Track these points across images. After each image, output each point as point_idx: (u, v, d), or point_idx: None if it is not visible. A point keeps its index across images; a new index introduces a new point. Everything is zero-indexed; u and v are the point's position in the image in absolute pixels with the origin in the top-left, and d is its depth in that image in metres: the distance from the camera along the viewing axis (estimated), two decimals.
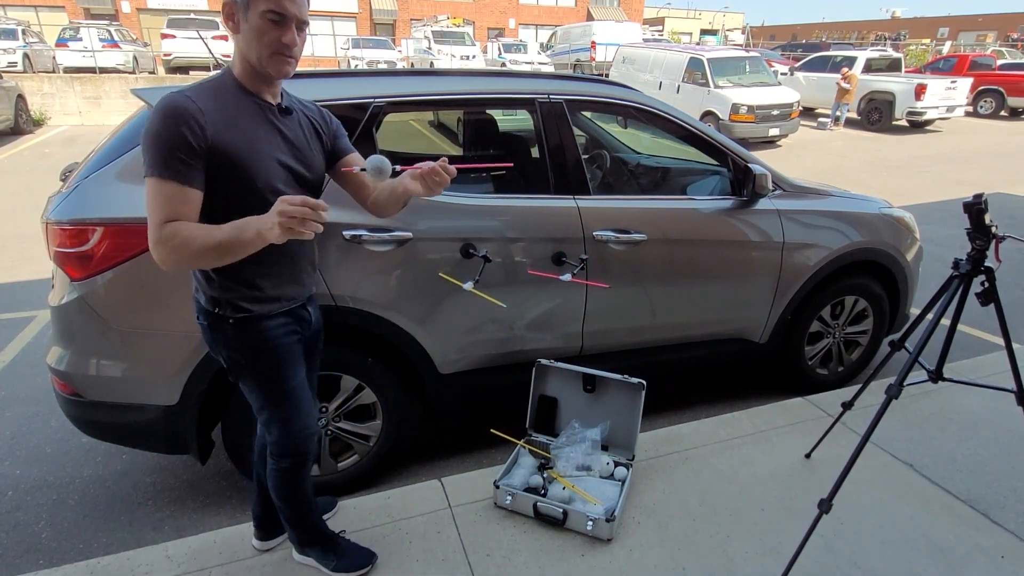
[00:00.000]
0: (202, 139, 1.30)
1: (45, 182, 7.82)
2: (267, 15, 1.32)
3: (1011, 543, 2.04)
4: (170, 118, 1.27)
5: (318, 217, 1.21)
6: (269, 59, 1.36)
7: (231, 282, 1.48)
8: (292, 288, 1.59)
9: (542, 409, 2.50)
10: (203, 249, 1.28)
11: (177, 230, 1.27)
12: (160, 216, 1.28)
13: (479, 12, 31.76)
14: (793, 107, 11.14)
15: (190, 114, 1.28)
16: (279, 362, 1.58)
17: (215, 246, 1.28)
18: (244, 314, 1.51)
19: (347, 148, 1.65)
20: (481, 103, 2.67)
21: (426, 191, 1.46)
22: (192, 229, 1.28)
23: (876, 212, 3.08)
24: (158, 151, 1.27)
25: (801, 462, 2.44)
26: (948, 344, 1.97)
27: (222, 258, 1.31)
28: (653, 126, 2.84)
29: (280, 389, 1.60)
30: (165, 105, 1.28)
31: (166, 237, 1.27)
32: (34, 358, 3.58)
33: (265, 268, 1.51)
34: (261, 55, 1.35)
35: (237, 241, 1.27)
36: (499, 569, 1.92)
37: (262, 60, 1.36)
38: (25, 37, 14.85)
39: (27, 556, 2.22)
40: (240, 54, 1.38)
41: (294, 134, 1.49)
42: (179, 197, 1.29)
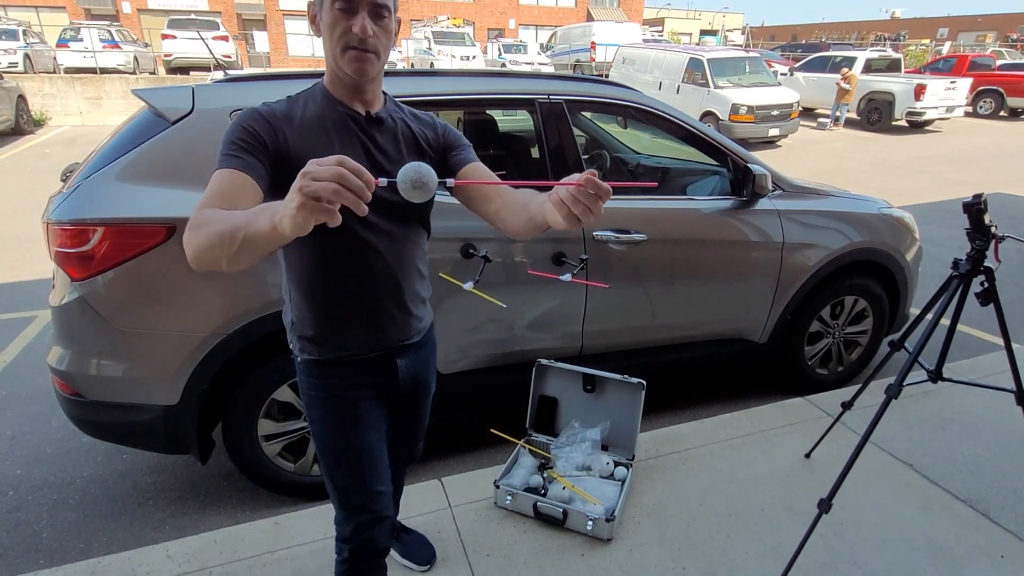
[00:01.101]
0: (271, 136, 1.14)
1: (46, 182, 7.82)
2: (335, 5, 1.12)
3: (1011, 543, 2.04)
4: (240, 117, 1.15)
5: (359, 190, 0.79)
6: (342, 57, 1.15)
7: (292, 310, 1.28)
8: (361, 334, 1.29)
9: (542, 409, 2.50)
10: (213, 236, 0.93)
11: (205, 213, 0.99)
12: (202, 201, 1.04)
13: (479, 13, 31.76)
14: (793, 107, 11.14)
15: (259, 113, 1.16)
16: (331, 420, 1.31)
17: (220, 234, 0.92)
18: (306, 356, 1.30)
19: (464, 160, 1.32)
20: (481, 103, 2.68)
21: (569, 221, 0.95)
22: (218, 212, 0.98)
23: (876, 212, 3.08)
24: (222, 147, 1.11)
25: (801, 462, 2.45)
26: (948, 344, 1.97)
27: (234, 253, 0.93)
28: (653, 126, 2.85)
29: (330, 449, 1.32)
30: (243, 113, 1.16)
31: (192, 221, 0.99)
32: (35, 358, 3.59)
33: (317, 301, 1.25)
34: (335, 54, 1.16)
35: (246, 231, 0.89)
36: (499, 569, 1.93)
37: (337, 60, 1.17)
38: (26, 37, 14.86)
39: (28, 556, 2.22)
40: (326, 61, 1.22)
41: (385, 149, 1.25)
42: (228, 181, 1.07)
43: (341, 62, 1.16)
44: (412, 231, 1.32)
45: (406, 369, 1.39)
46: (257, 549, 1.99)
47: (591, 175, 0.89)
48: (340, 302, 1.26)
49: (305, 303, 1.26)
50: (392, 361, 1.35)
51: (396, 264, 1.28)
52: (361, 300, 1.27)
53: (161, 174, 2.04)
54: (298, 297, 1.26)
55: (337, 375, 1.30)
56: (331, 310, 1.26)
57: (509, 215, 1.20)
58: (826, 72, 14.62)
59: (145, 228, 1.99)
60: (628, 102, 2.71)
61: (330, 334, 1.27)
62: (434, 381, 1.56)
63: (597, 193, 0.90)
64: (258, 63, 25.23)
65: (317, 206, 0.77)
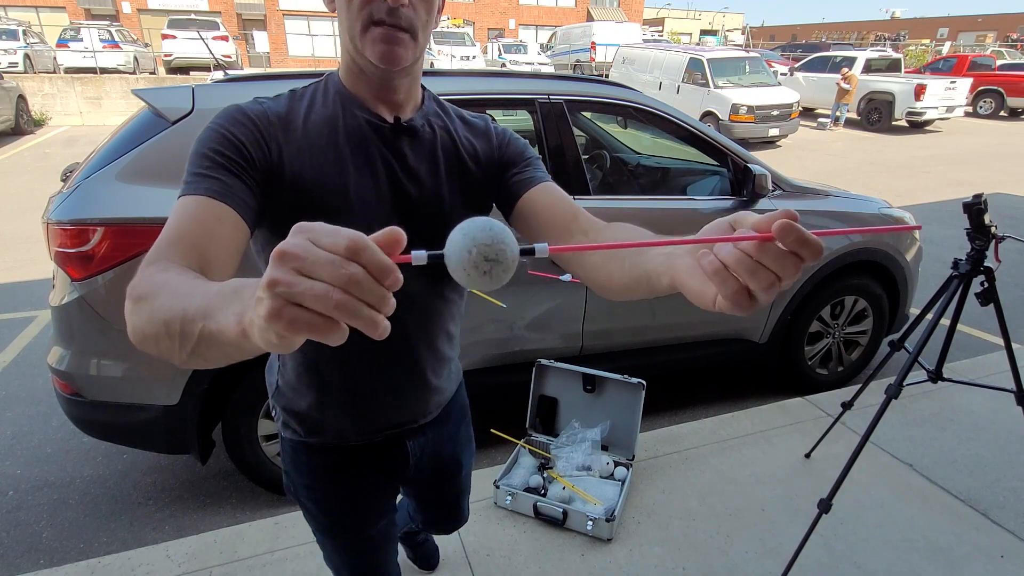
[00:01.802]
0: (259, 149, 0.82)
1: (46, 182, 7.82)
2: None
3: (1011, 543, 2.04)
4: (218, 119, 0.83)
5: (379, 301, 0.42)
6: (364, 37, 0.81)
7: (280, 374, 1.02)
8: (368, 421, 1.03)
9: (542, 409, 2.50)
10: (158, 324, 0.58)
11: (154, 277, 0.65)
12: (155, 246, 0.71)
13: (479, 13, 31.76)
14: (793, 107, 11.14)
15: (245, 114, 0.84)
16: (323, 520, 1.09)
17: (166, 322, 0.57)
18: (294, 437, 1.03)
19: (530, 181, 0.95)
20: (481, 103, 2.67)
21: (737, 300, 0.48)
22: (172, 279, 0.63)
23: (876, 212, 3.08)
24: (189, 163, 0.81)
25: (801, 462, 2.45)
26: (948, 344, 1.97)
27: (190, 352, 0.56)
28: (653, 126, 2.85)
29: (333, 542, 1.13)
30: (221, 113, 0.84)
31: (135, 286, 0.65)
32: (35, 358, 3.59)
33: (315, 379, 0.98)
34: (354, 33, 0.82)
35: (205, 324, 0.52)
36: (499, 569, 1.93)
37: (356, 42, 0.83)
38: (26, 38, 14.86)
39: (28, 555, 2.22)
40: (342, 47, 0.88)
41: (416, 171, 0.92)
42: (198, 214, 0.75)
43: (362, 44, 0.82)
44: (447, 287, 0.99)
45: (420, 451, 1.11)
46: (257, 549, 1.99)
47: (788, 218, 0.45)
48: (345, 385, 0.98)
49: (300, 377, 0.98)
50: (402, 445, 1.08)
51: (421, 334, 0.98)
52: (372, 382, 0.98)
53: (161, 174, 2.04)
54: (292, 365, 0.98)
55: (333, 460, 1.05)
56: (333, 395, 0.98)
57: (614, 268, 0.74)
58: (826, 72, 14.62)
59: (145, 228, 1.99)
60: (628, 102, 2.71)
61: (327, 420, 1.00)
62: (468, 455, 1.27)
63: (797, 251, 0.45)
64: (258, 63, 25.24)
65: (302, 320, 0.40)
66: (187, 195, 0.77)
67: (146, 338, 0.61)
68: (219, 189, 0.77)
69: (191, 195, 0.76)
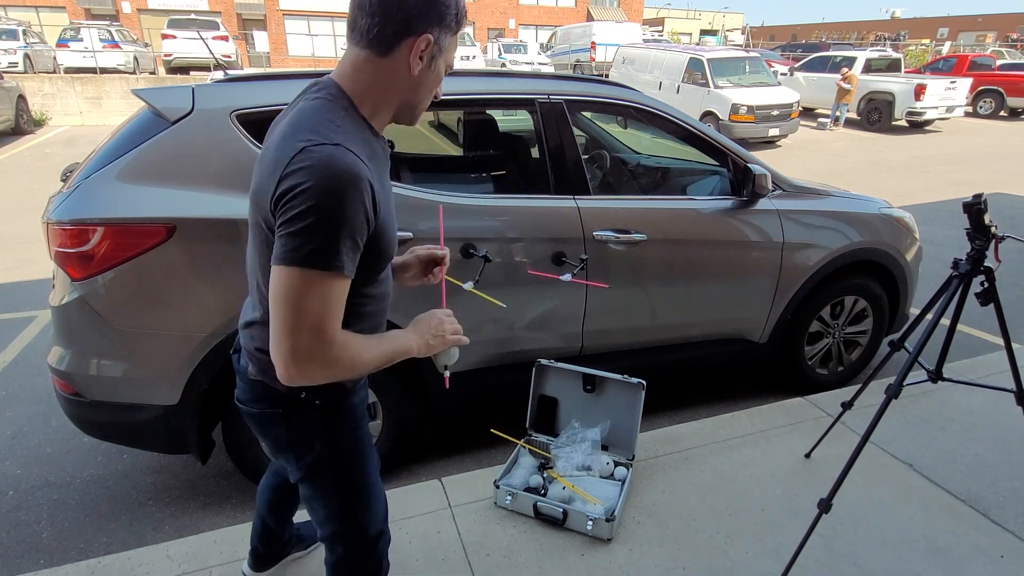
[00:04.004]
0: (374, 215, 1.02)
1: (46, 182, 7.82)
2: (447, 70, 1.13)
3: (1011, 543, 2.04)
4: (349, 189, 0.94)
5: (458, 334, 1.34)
6: (423, 106, 1.14)
7: None
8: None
9: (542, 409, 2.50)
10: (373, 364, 1.09)
11: (349, 343, 1.03)
12: (330, 317, 0.98)
13: (479, 12, 31.76)
14: (793, 107, 11.14)
15: (368, 183, 0.98)
16: (364, 449, 1.30)
17: (385, 360, 1.12)
18: (339, 395, 1.23)
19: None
20: (481, 103, 2.68)
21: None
22: (359, 344, 1.06)
23: (876, 212, 3.08)
24: (329, 235, 0.94)
25: (801, 462, 2.45)
26: (948, 344, 1.97)
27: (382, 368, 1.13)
28: (653, 126, 2.84)
29: (359, 484, 1.32)
30: (339, 173, 0.94)
31: (337, 351, 1.01)
32: (35, 358, 3.59)
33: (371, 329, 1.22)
34: (421, 100, 1.12)
35: (402, 354, 1.16)
36: (499, 569, 1.93)
37: (420, 106, 1.13)
38: (26, 37, 14.87)
39: (28, 556, 2.22)
40: (398, 92, 1.08)
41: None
42: (341, 291, 1.00)
43: (419, 110, 1.13)
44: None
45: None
46: None
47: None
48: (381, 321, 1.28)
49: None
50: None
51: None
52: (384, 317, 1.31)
53: (161, 174, 2.04)
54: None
55: (359, 403, 1.31)
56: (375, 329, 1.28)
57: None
58: (826, 72, 14.62)
59: (145, 228, 1.99)
60: (628, 102, 2.71)
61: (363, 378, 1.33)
62: None
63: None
64: (258, 63, 25.24)
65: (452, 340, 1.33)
66: (326, 272, 0.97)
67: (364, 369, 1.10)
68: (352, 268, 1.01)
69: (330, 272, 0.97)
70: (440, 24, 1.03)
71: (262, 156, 1.06)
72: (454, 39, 1.09)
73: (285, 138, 1.00)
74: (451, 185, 2.70)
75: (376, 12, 0.99)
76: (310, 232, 0.93)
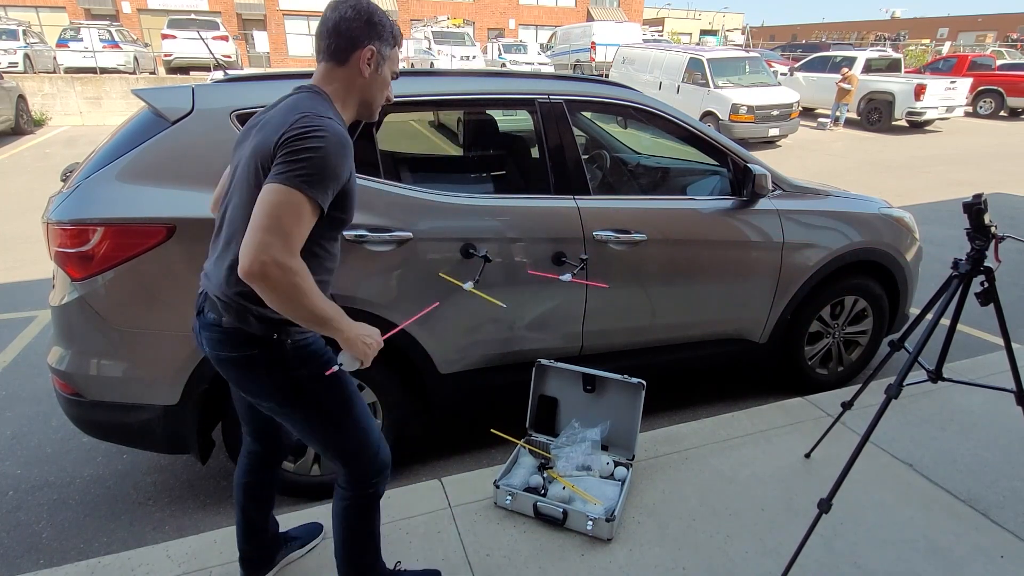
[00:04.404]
0: (347, 178, 1.33)
1: (46, 182, 7.83)
2: (393, 76, 1.48)
3: (1011, 543, 2.04)
4: (341, 148, 1.28)
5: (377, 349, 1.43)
6: (377, 106, 1.50)
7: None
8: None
9: (542, 409, 2.50)
10: (310, 309, 1.25)
11: (303, 273, 1.23)
12: (297, 236, 1.23)
13: (479, 13, 31.76)
14: (793, 107, 11.14)
15: (351, 151, 1.33)
16: (338, 376, 1.45)
17: (320, 314, 1.28)
18: (306, 333, 1.43)
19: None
20: (481, 103, 2.68)
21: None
22: (311, 283, 1.25)
23: (876, 212, 3.08)
24: (320, 171, 1.24)
25: (801, 462, 2.45)
26: (948, 344, 1.97)
27: (309, 324, 1.30)
28: (653, 126, 2.84)
29: (349, 409, 1.48)
30: (337, 134, 1.27)
31: (295, 268, 1.22)
32: (35, 358, 3.59)
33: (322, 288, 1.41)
34: (376, 100, 1.47)
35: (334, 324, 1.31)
36: (499, 569, 1.93)
37: (374, 104, 1.48)
38: (26, 37, 14.87)
39: (28, 555, 2.22)
40: (356, 91, 1.43)
41: None
42: (311, 219, 1.26)
43: (375, 107, 1.48)
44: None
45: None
46: None
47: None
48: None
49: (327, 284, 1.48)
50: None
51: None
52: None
53: (161, 174, 2.04)
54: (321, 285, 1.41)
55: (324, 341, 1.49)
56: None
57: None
58: (826, 72, 14.62)
59: (145, 228, 1.99)
60: (628, 102, 2.71)
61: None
62: None
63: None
64: (258, 63, 25.24)
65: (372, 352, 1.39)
66: (308, 197, 1.23)
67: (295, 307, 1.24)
68: (325, 202, 1.28)
69: (311, 199, 1.24)
70: (379, 39, 1.40)
71: (263, 123, 1.34)
72: (394, 52, 1.45)
73: (285, 113, 1.30)
74: (451, 185, 2.70)
75: (331, 34, 1.38)
76: (306, 164, 1.22)
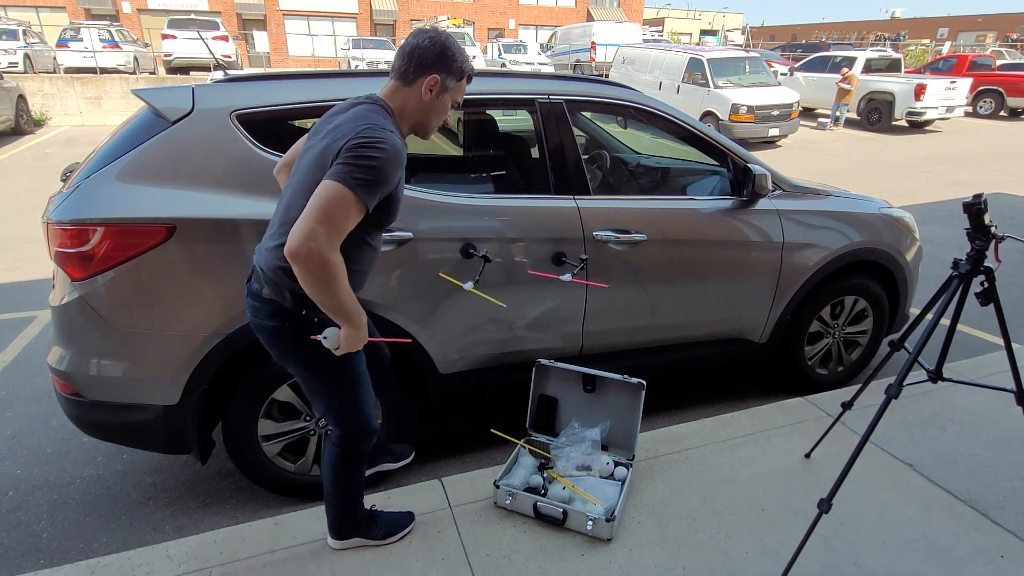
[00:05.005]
0: (397, 185, 1.53)
1: (46, 182, 7.83)
2: (454, 104, 1.66)
3: (1011, 543, 2.04)
4: (396, 159, 1.47)
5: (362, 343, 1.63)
6: (435, 127, 1.68)
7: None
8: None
9: (542, 409, 2.50)
10: (336, 299, 1.46)
11: (339, 266, 1.43)
12: (343, 229, 1.42)
13: (479, 13, 31.76)
14: (793, 107, 11.14)
15: (404, 161, 1.53)
16: (350, 355, 1.69)
17: (342, 306, 1.48)
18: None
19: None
20: (481, 103, 2.68)
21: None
22: (343, 277, 1.45)
23: (876, 212, 3.08)
24: (375, 178, 1.43)
25: (801, 462, 2.45)
26: (948, 344, 1.97)
27: (329, 311, 1.50)
28: (653, 126, 2.84)
29: (354, 373, 1.72)
30: (395, 146, 1.46)
31: (334, 260, 1.41)
32: (35, 358, 3.59)
33: (362, 276, 1.70)
34: (433, 123, 1.66)
35: (354, 315, 1.53)
36: (499, 569, 1.93)
37: (430, 124, 1.66)
38: (26, 37, 14.87)
39: (28, 555, 2.22)
40: (415, 111, 1.61)
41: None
42: (357, 217, 1.45)
43: (429, 128, 1.67)
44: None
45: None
46: (257, 549, 1.99)
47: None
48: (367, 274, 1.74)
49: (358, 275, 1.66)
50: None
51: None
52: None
53: (161, 174, 2.04)
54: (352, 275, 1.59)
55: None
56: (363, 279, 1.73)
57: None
58: (826, 72, 14.62)
59: (145, 228, 1.99)
60: (628, 102, 2.71)
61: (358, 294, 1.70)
62: None
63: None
64: (258, 63, 25.24)
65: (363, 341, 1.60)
66: (358, 198, 1.42)
67: (325, 292, 1.44)
68: (371, 207, 1.47)
69: (360, 200, 1.43)
70: (447, 70, 1.57)
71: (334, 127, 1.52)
72: (460, 84, 1.62)
73: (353, 122, 1.49)
74: (451, 185, 2.70)
75: (405, 57, 1.57)
76: (364, 169, 1.41)
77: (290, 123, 2.35)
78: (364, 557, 1.96)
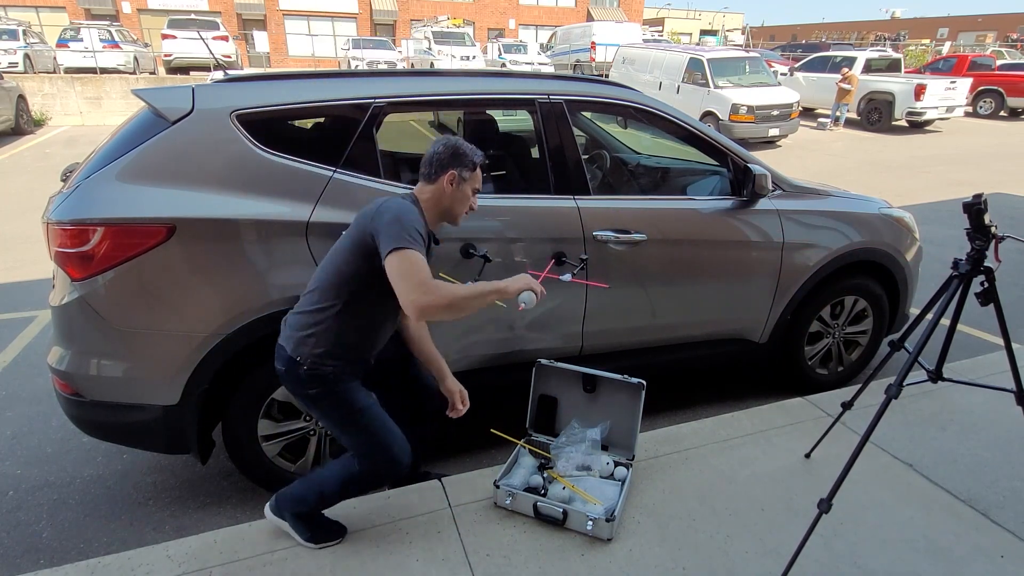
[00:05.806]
0: (428, 235, 1.80)
1: (46, 182, 7.83)
2: (475, 194, 1.92)
3: (1011, 543, 2.04)
4: (410, 214, 1.71)
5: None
6: (460, 215, 1.92)
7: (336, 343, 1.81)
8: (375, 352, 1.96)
9: (542, 409, 2.50)
10: (475, 303, 1.68)
11: (444, 290, 1.62)
12: (423, 275, 1.61)
13: (479, 13, 31.76)
14: (793, 107, 11.14)
15: (424, 227, 1.76)
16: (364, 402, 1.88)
17: (481, 300, 1.69)
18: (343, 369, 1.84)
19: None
20: (481, 103, 2.68)
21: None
22: (453, 289, 1.65)
23: (876, 212, 3.08)
24: (407, 231, 1.65)
25: (801, 462, 2.45)
26: (948, 344, 1.97)
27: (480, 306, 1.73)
28: (653, 126, 2.84)
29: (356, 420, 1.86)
30: (402, 205, 1.73)
31: (438, 294, 1.60)
32: (35, 358, 3.59)
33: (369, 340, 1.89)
34: (457, 212, 1.90)
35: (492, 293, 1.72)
36: (499, 569, 1.93)
37: (453, 213, 1.90)
38: (26, 37, 14.86)
39: (28, 555, 2.22)
40: (440, 201, 1.86)
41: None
42: (423, 260, 1.65)
43: (456, 215, 1.91)
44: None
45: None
46: (257, 549, 1.99)
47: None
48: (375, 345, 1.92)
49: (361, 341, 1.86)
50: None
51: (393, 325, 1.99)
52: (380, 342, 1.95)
53: (161, 174, 2.04)
54: (356, 338, 1.83)
55: (360, 375, 1.91)
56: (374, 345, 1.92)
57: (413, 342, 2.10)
58: (826, 72, 14.61)
59: (145, 228, 1.99)
60: (628, 102, 2.71)
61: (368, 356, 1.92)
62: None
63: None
64: (258, 63, 25.23)
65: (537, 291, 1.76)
66: (415, 249, 1.64)
67: (467, 308, 1.69)
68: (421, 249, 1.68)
69: (416, 249, 1.65)
70: (461, 165, 1.85)
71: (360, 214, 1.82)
72: (475, 173, 1.88)
73: (376, 206, 1.77)
74: None
75: (427, 162, 1.86)
76: (394, 230, 1.65)
77: (290, 123, 2.35)
78: (364, 557, 1.96)
